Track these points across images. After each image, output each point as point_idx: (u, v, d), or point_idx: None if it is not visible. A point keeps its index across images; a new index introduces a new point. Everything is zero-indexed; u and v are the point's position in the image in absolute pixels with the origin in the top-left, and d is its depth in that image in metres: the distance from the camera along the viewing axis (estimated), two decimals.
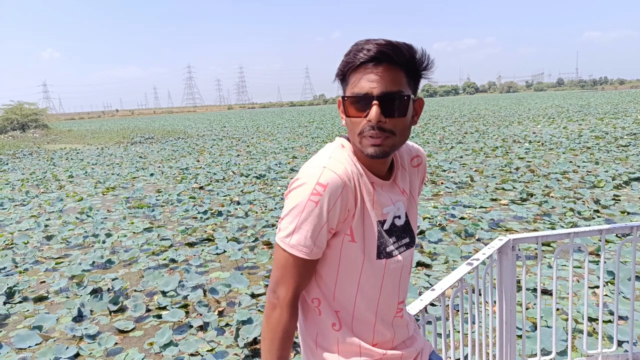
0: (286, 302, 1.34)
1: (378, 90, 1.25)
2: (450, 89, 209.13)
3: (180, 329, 4.89)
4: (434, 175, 12.28)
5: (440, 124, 31.05)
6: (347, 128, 1.35)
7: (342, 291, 1.40)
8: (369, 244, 1.36)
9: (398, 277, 1.46)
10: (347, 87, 1.31)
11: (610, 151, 14.54)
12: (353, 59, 1.26)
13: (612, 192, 9.33)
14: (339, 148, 1.39)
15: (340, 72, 1.33)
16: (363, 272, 1.38)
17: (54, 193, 13.41)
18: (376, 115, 1.25)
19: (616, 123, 23.97)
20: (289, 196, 1.32)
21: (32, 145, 33.71)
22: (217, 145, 25.58)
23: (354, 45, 1.29)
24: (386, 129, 1.27)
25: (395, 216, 1.42)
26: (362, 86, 1.26)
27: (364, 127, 1.28)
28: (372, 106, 1.25)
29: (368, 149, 1.29)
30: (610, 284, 5.15)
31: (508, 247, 2.70)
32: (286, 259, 1.33)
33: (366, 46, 1.25)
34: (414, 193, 1.54)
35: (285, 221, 1.31)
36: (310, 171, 1.29)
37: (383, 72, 1.25)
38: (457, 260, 6.21)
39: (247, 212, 9.42)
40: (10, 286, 6.03)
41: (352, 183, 1.31)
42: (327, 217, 1.27)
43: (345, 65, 1.29)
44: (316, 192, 1.26)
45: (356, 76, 1.28)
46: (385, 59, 1.25)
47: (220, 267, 6.61)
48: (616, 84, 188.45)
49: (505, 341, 2.82)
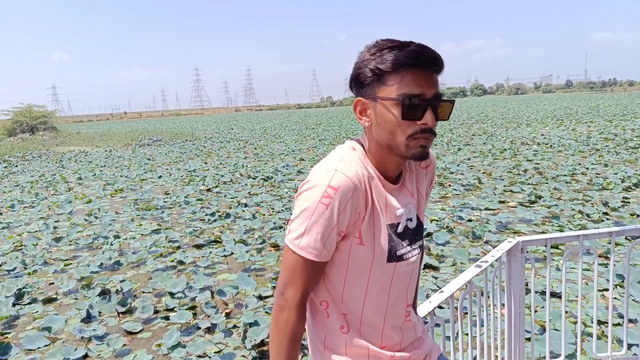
0: (294, 304, 1.34)
1: (432, 93, 1.25)
2: (458, 91, 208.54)
3: (188, 331, 4.90)
4: (441, 178, 12.25)
5: (448, 126, 30.97)
6: (382, 132, 1.31)
7: (350, 294, 1.40)
8: (378, 247, 1.36)
9: (407, 280, 1.46)
10: (385, 88, 1.27)
11: (619, 153, 14.46)
12: (404, 60, 1.23)
13: (621, 194, 9.27)
14: (350, 151, 1.38)
15: (376, 70, 1.27)
16: (371, 275, 1.38)
17: (62, 195, 13.48)
18: (432, 119, 1.25)
19: (625, 125, 23.82)
20: (299, 198, 1.32)
21: (41, 147, 33.91)
22: (225, 148, 25.64)
23: (384, 46, 1.26)
24: (433, 132, 1.29)
25: (407, 218, 1.42)
26: (417, 88, 1.24)
27: (415, 130, 1.26)
28: (428, 109, 1.25)
29: (414, 150, 1.28)
30: (619, 286, 5.12)
31: (517, 250, 2.69)
32: (295, 261, 1.32)
33: (414, 48, 1.23)
34: (422, 194, 1.53)
35: (295, 223, 1.31)
36: (322, 173, 1.29)
37: (430, 76, 1.26)
38: (464, 263, 6.19)
39: (254, 214, 9.44)
40: (20, 287, 6.06)
41: (362, 186, 1.30)
42: (337, 220, 1.27)
43: (393, 65, 1.24)
44: (327, 195, 1.25)
45: (405, 77, 1.24)
46: (435, 64, 1.26)
47: (227, 269, 6.62)
48: (625, 85, 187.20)
49: (514, 344, 2.80)
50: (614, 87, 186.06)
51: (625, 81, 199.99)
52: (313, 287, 1.38)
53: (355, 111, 1.36)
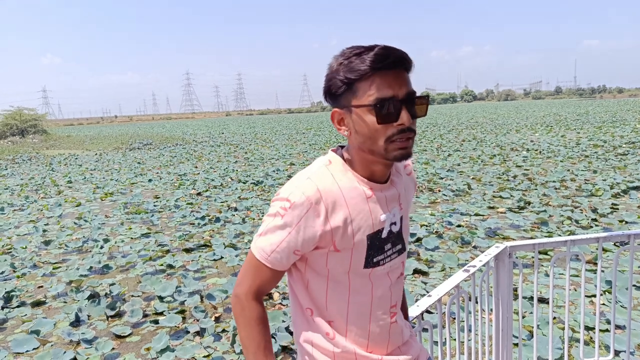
0: (247, 298, 1.39)
1: (403, 93, 1.25)
2: (448, 97, 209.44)
3: (177, 335, 4.89)
4: (431, 183, 12.29)
5: (438, 132, 31.11)
6: (361, 138, 1.31)
7: (333, 301, 1.41)
8: (355, 255, 1.37)
9: (388, 281, 1.46)
10: (357, 97, 1.27)
11: (608, 160, 14.58)
12: (369, 66, 1.23)
13: (610, 200, 9.35)
14: (323, 166, 1.38)
15: (345, 81, 1.27)
16: (351, 282, 1.39)
17: (52, 198, 13.40)
18: (408, 118, 1.25)
19: (614, 132, 24.04)
20: (270, 205, 1.39)
21: (31, 150, 33.70)
22: (215, 152, 25.60)
23: (351, 54, 1.26)
24: (412, 130, 1.28)
25: (391, 222, 1.43)
26: (387, 91, 1.24)
27: (393, 132, 1.26)
28: (403, 109, 1.25)
29: (395, 152, 1.28)
30: (607, 292, 5.16)
31: (505, 255, 2.71)
32: (250, 257, 1.40)
33: (378, 52, 1.22)
34: (408, 200, 1.54)
35: (262, 225, 1.39)
36: (286, 187, 1.34)
37: (400, 75, 1.26)
38: (453, 268, 6.22)
39: (244, 219, 9.43)
40: (8, 291, 6.02)
41: (326, 208, 1.30)
42: (288, 234, 1.32)
43: (358, 74, 1.24)
44: (284, 207, 1.31)
45: (373, 83, 1.24)
46: (401, 64, 1.26)
47: (217, 273, 6.61)
48: (615, 92, 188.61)
49: (502, 349, 2.82)
50: (603, 94, 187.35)
51: (615, 88, 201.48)
52: (264, 291, 1.42)
53: (333, 122, 1.36)
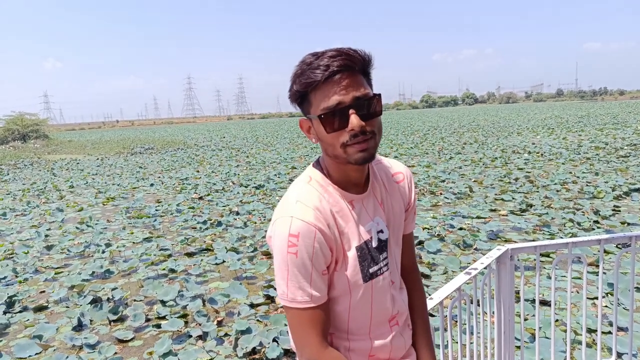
0: (320, 354, 1.32)
1: (349, 98, 1.24)
2: (449, 100, 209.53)
3: (180, 339, 4.89)
4: (432, 186, 12.29)
5: (440, 135, 31.10)
6: (324, 145, 1.33)
7: (334, 314, 1.41)
8: (352, 269, 1.37)
9: (387, 291, 1.46)
10: (312, 106, 1.29)
11: (610, 162, 14.56)
12: (313, 78, 1.24)
13: (612, 202, 9.34)
14: (306, 184, 1.39)
15: (298, 94, 1.30)
16: (352, 296, 1.39)
17: (54, 203, 13.42)
18: (358, 122, 1.24)
19: (616, 134, 24.00)
20: (271, 247, 1.34)
21: (32, 155, 33.78)
22: (217, 156, 25.62)
23: (304, 65, 1.27)
24: (368, 132, 1.27)
25: (378, 231, 1.42)
26: (333, 99, 1.24)
27: (346, 138, 1.26)
28: (350, 115, 1.25)
29: (355, 156, 1.28)
30: (609, 294, 5.15)
31: (506, 257, 2.71)
32: (296, 315, 1.32)
33: (321, 62, 1.23)
34: (395, 208, 1.51)
35: (277, 279, 1.32)
36: (280, 222, 1.30)
37: (347, 80, 1.25)
38: (455, 271, 6.21)
39: (246, 223, 9.43)
40: (11, 295, 6.04)
41: (325, 222, 1.31)
42: (311, 264, 1.27)
43: (305, 85, 1.26)
44: (292, 244, 1.26)
45: (321, 93, 1.26)
46: (345, 69, 1.24)
47: (219, 277, 6.61)
48: (616, 94, 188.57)
49: (504, 352, 2.82)
50: (604, 96, 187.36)
51: (616, 90, 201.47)
52: (326, 330, 1.35)
53: (302, 130, 1.38)
